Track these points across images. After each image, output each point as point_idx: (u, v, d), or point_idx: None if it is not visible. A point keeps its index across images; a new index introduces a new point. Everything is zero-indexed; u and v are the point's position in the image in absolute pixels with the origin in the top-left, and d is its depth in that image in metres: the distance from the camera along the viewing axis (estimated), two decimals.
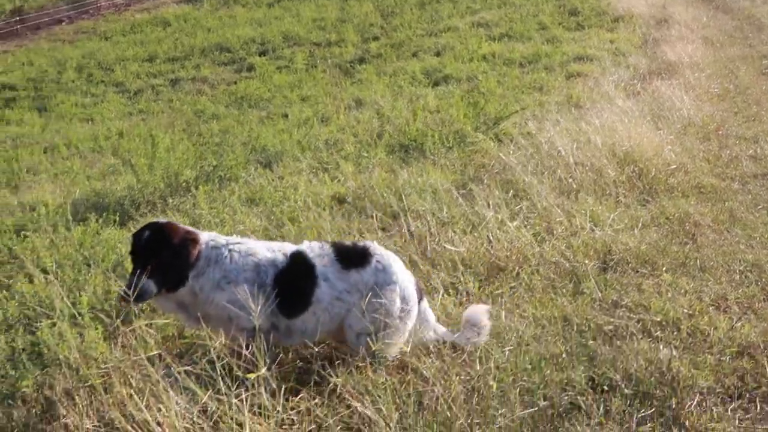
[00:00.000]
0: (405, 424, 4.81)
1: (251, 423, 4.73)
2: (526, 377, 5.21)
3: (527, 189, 8.69)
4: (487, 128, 11.72)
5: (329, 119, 14.53)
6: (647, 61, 17.13)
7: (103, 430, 5.00)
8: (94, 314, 6.44)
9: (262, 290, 5.50)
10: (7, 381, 5.78)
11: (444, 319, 6.21)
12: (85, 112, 19.21)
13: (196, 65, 22.85)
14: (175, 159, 10.73)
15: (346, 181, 9.77)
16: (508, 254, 7.22)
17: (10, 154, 14.97)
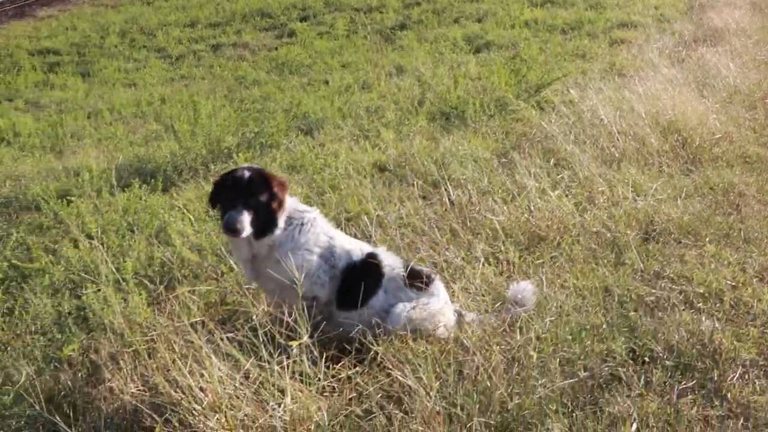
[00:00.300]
0: (445, 393, 4.82)
1: (292, 390, 4.78)
2: (567, 348, 5.20)
3: (569, 158, 8.63)
4: (529, 96, 11.64)
5: (370, 86, 14.48)
6: (693, 27, 16.86)
7: (147, 394, 5.08)
8: (138, 280, 6.54)
9: (331, 271, 5.62)
10: (54, 344, 5.90)
11: (485, 288, 6.21)
12: (128, 78, 19.28)
13: (237, 31, 22.81)
14: (216, 125, 10.78)
15: (386, 149, 9.76)
16: (549, 224, 7.19)
17: (54, 119, 15.08)
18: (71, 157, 11.94)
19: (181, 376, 4.83)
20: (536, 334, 5.26)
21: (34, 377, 5.44)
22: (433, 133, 10.46)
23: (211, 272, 6.85)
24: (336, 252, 5.66)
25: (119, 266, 6.57)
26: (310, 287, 5.54)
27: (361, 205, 7.86)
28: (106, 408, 5.13)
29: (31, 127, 14.40)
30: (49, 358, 5.67)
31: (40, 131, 14.13)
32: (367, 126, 11.19)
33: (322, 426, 4.65)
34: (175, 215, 8.00)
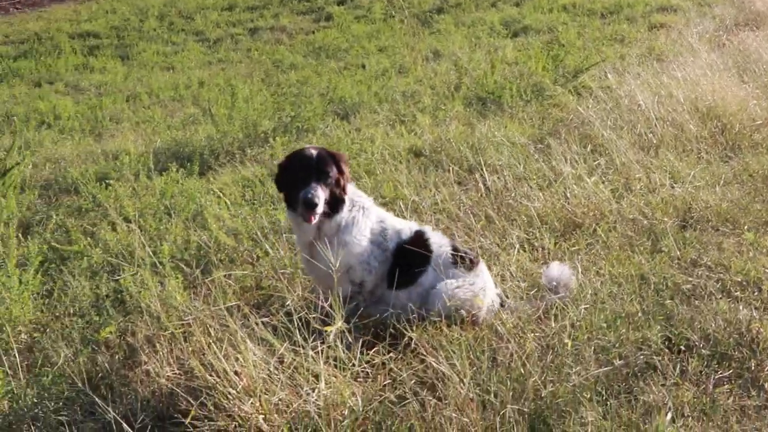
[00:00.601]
0: (478, 380, 4.81)
1: (327, 375, 4.79)
2: (602, 335, 5.17)
3: (606, 144, 8.57)
4: (566, 81, 11.56)
5: (407, 70, 14.47)
6: (734, 11, 16.65)
7: (183, 377, 5.11)
8: (174, 263, 6.59)
9: (383, 255, 5.69)
10: (92, 327, 5.95)
11: (519, 275, 6.19)
12: (166, 61, 19.38)
13: (275, 14, 22.84)
14: (253, 109, 10.83)
15: (422, 134, 9.75)
16: (585, 210, 7.15)
17: (93, 102, 15.21)
18: (110, 141, 12.05)
19: (216, 360, 4.85)
20: (571, 322, 5.25)
21: (72, 359, 5.49)
22: (470, 118, 10.43)
23: (246, 257, 6.89)
24: (388, 234, 5.74)
25: (156, 250, 6.62)
26: (361, 273, 5.64)
27: (396, 191, 7.87)
28: (142, 390, 5.17)
29: (70, 109, 14.53)
30: (87, 340, 5.72)
31: (80, 114, 14.25)
32: (403, 111, 11.18)
33: (355, 411, 4.66)
34: (212, 199, 8.05)
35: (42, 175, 10.17)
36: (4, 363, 5.38)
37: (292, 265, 6.52)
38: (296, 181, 5.43)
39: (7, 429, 4.98)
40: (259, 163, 9.62)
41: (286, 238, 7.06)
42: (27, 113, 14.54)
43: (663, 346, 5.18)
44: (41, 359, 5.56)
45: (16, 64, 19.73)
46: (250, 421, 4.63)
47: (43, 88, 17.49)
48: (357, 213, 5.67)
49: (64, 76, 18.43)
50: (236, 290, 6.26)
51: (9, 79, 18.61)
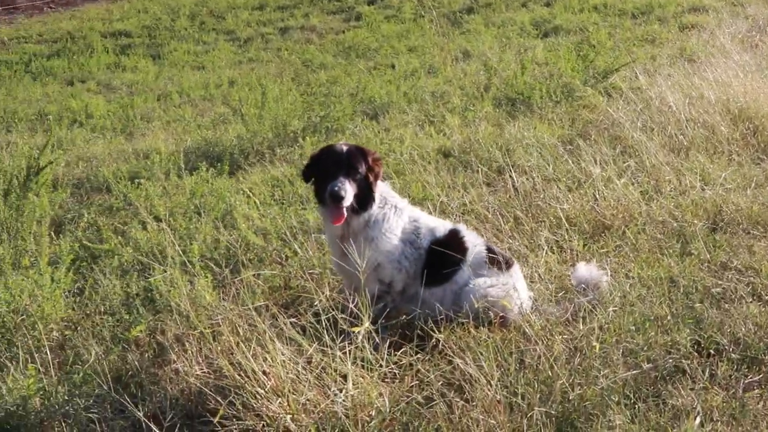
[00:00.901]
0: (506, 382, 4.82)
1: (354, 375, 4.81)
2: (630, 338, 5.15)
3: (636, 146, 8.52)
4: (596, 82, 11.50)
5: (436, 71, 14.45)
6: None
7: (212, 377, 5.14)
8: (204, 263, 6.62)
9: (416, 253, 5.72)
10: (122, 325, 6.01)
11: (548, 277, 6.17)
12: (197, 60, 19.46)
13: (305, 14, 22.86)
14: (283, 109, 10.85)
15: (452, 135, 9.75)
16: (615, 212, 7.12)
17: (125, 101, 15.29)
18: (141, 139, 12.12)
19: (245, 359, 4.88)
20: (599, 324, 5.23)
21: (103, 357, 5.54)
22: (499, 119, 10.41)
23: (275, 256, 6.92)
24: (421, 232, 5.76)
25: (186, 249, 6.66)
26: (390, 271, 5.66)
27: (425, 191, 7.87)
28: (171, 389, 5.22)
29: (102, 108, 14.63)
30: (118, 339, 5.77)
31: (112, 113, 14.35)
32: (432, 111, 11.18)
33: (383, 412, 4.67)
34: (241, 199, 8.09)
35: (74, 173, 10.26)
36: (36, 360, 5.44)
37: (320, 265, 6.55)
38: (326, 175, 5.50)
39: (38, 426, 5.04)
40: (289, 162, 9.65)
41: (314, 238, 7.08)
42: (60, 112, 14.65)
43: (692, 350, 5.16)
44: (72, 357, 5.62)
45: (49, 62, 19.89)
46: (278, 420, 4.66)
47: (76, 86, 17.62)
48: (388, 210, 5.70)
49: (96, 75, 18.57)
50: (265, 290, 6.30)
51: (42, 77, 18.76)
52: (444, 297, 5.67)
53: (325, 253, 6.62)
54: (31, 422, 5.02)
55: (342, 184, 5.39)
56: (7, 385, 5.20)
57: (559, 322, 5.43)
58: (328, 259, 6.40)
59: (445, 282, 5.71)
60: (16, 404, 5.08)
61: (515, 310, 5.60)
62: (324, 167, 5.56)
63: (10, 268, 6.61)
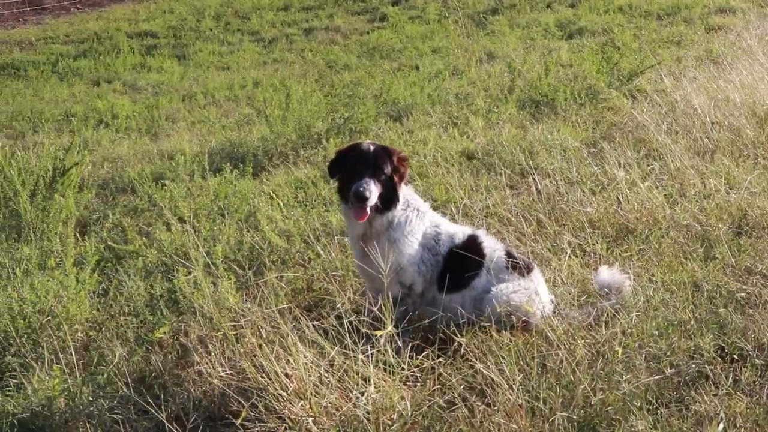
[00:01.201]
0: (528, 387, 4.81)
1: (376, 379, 4.82)
2: (653, 343, 5.13)
3: (660, 149, 8.48)
4: (621, 84, 11.47)
5: (460, 72, 14.43)
6: None
7: (235, 379, 5.17)
8: (227, 265, 6.64)
9: (434, 259, 5.73)
10: (146, 326, 6.04)
11: (570, 281, 6.16)
12: (222, 61, 19.53)
13: (329, 14, 22.91)
14: (307, 110, 10.87)
15: (475, 137, 9.74)
16: (638, 216, 7.10)
17: (150, 102, 15.36)
18: (165, 140, 12.18)
19: (267, 361, 4.91)
20: (622, 329, 5.22)
21: (127, 358, 5.58)
22: (522, 121, 10.40)
23: (298, 258, 6.95)
24: (441, 239, 5.77)
25: (209, 250, 6.70)
26: (411, 275, 5.67)
27: (448, 194, 7.87)
28: (194, 390, 5.25)
29: (128, 109, 14.70)
30: (141, 340, 5.80)
31: (137, 113, 14.42)
32: (456, 113, 11.17)
33: (404, 416, 4.68)
34: (265, 200, 8.12)
35: (99, 174, 10.33)
36: (61, 361, 5.49)
37: (343, 267, 6.57)
38: (351, 174, 5.53)
39: (63, 426, 5.08)
40: (312, 164, 9.69)
41: (337, 240, 7.10)
42: (86, 112, 14.75)
43: (716, 355, 5.12)
44: (97, 358, 5.66)
45: (76, 63, 20.02)
46: (300, 423, 4.68)
47: (102, 87, 17.73)
48: (411, 213, 5.72)
49: (122, 76, 18.67)
50: (288, 292, 6.32)
51: (69, 78, 18.89)
52: (464, 302, 5.67)
53: (348, 256, 6.64)
54: (56, 423, 5.07)
55: (367, 185, 5.41)
56: (33, 386, 5.25)
57: (581, 326, 5.42)
58: (350, 262, 6.42)
59: (463, 288, 5.72)
60: (42, 404, 5.13)
61: (537, 314, 5.58)
62: (350, 166, 5.58)
63: (36, 269, 6.66)
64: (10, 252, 7.16)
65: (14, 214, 7.67)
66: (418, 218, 5.73)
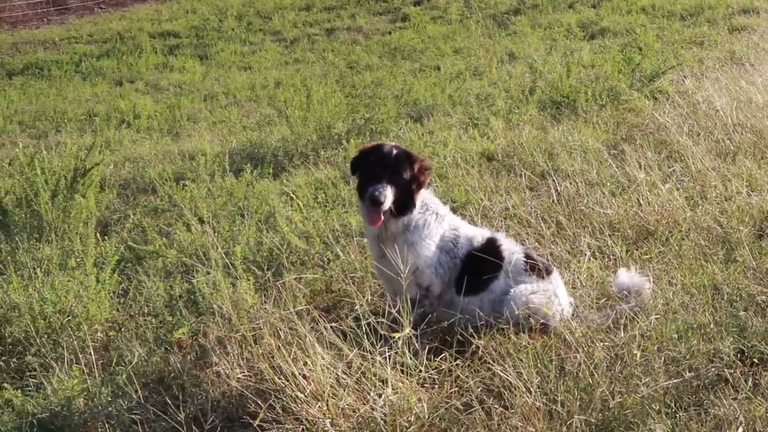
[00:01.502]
0: (546, 389, 4.80)
1: (394, 380, 4.82)
2: (672, 347, 5.10)
3: (681, 150, 8.43)
4: (643, 85, 11.40)
5: (481, 73, 14.42)
6: None
7: (252, 380, 5.18)
8: (246, 265, 6.66)
9: (452, 262, 5.72)
10: (165, 327, 6.06)
11: (589, 283, 6.14)
12: (244, 61, 19.61)
13: (351, 15, 22.96)
14: (327, 111, 10.88)
15: (495, 138, 9.72)
16: (659, 218, 7.06)
17: (172, 102, 15.45)
18: (187, 140, 12.24)
19: (285, 363, 4.92)
20: (641, 332, 5.20)
21: (146, 358, 5.61)
22: (543, 122, 10.37)
23: (317, 260, 6.96)
24: (459, 242, 5.77)
25: (229, 251, 6.72)
26: (429, 276, 5.66)
27: (467, 195, 7.86)
28: (213, 391, 5.26)
29: (150, 109, 14.80)
30: (161, 340, 5.83)
31: (159, 113, 14.51)
32: (476, 114, 11.16)
33: (421, 418, 4.68)
34: (284, 201, 8.14)
35: (121, 174, 10.39)
36: (80, 361, 5.52)
37: (362, 268, 6.57)
38: (370, 175, 5.53)
39: (82, 426, 5.11)
40: (332, 165, 9.70)
41: (356, 241, 7.10)
42: (108, 112, 14.86)
43: (735, 359, 5.07)
44: (116, 358, 5.69)
45: (99, 62, 20.18)
46: (317, 424, 4.69)
47: (124, 86, 17.86)
48: (429, 217, 5.71)
49: (144, 75, 18.80)
50: (306, 294, 6.33)
51: (92, 77, 19.04)
52: (482, 305, 5.65)
53: (366, 257, 6.64)
54: (75, 423, 5.10)
55: (383, 189, 5.41)
56: (52, 386, 5.28)
57: (600, 329, 5.39)
58: (369, 263, 6.42)
59: (481, 291, 5.71)
60: (61, 404, 5.16)
61: (556, 316, 5.57)
62: (369, 167, 5.58)
63: (57, 269, 6.70)
64: (32, 252, 7.20)
65: (36, 214, 7.71)
66: (436, 221, 5.73)
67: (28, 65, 20.48)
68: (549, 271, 5.79)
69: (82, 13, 27.17)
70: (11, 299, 6.17)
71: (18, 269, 6.78)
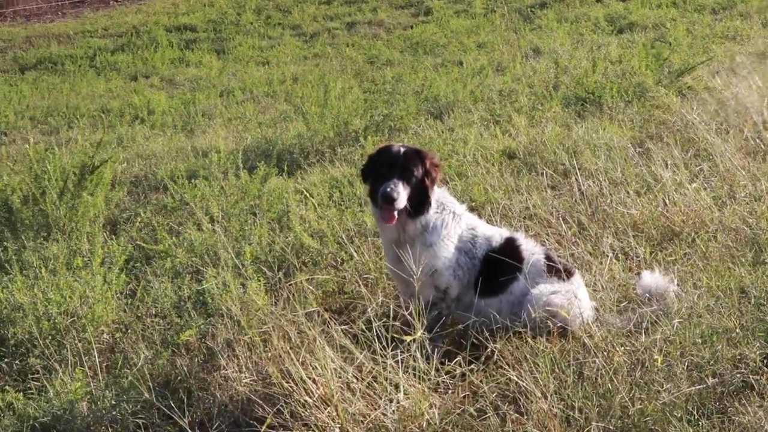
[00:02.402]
0: (563, 395, 4.78)
1: (405, 385, 4.80)
2: (696, 352, 5.05)
3: (709, 148, 8.37)
4: (671, 81, 11.33)
5: (504, 68, 14.36)
6: None
7: (260, 384, 5.17)
8: (257, 266, 6.65)
9: (470, 263, 5.71)
10: (173, 329, 6.06)
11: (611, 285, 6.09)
12: (262, 56, 19.63)
13: (373, 8, 22.92)
14: (345, 107, 10.87)
15: (517, 135, 9.68)
16: (685, 218, 7.01)
17: (187, 97, 15.49)
18: (201, 137, 12.27)
19: (294, 366, 4.90)
20: (663, 336, 5.15)
21: (152, 361, 5.61)
22: (567, 119, 10.33)
23: (330, 260, 6.95)
24: (477, 242, 5.75)
25: (239, 251, 6.71)
26: (447, 278, 5.65)
27: (487, 194, 7.82)
28: (220, 395, 5.25)
29: (164, 104, 14.84)
30: (168, 343, 5.84)
31: (173, 109, 14.55)
32: (498, 110, 11.11)
33: (433, 424, 4.66)
34: (299, 200, 8.13)
35: (132, 171, 10.43)
36: (84, 363, 5.53)
37: (376, 270, 6.56)
38: (380, 176, 5.53)
39: (85, 430, 5.11)
40: (349, 163, 9.68)
41: (371, 241, 7.08)
42: (122, 107, 14.93)
43: (762, 365, 5.03)
44: (121, 360, 5.69)
45: (113, 57, 20.24)
46: (326, 430, 4.67)
47: (139, 81, 17.93)
48: (447, 216, 5.69)
49: (160, 70, 18.85)
50: (318, 295, 6.32)
51: (107, 72, 19.11)
52: (500, 307, 5.63)
53: (381, 258, 6.63)
54: (78, 427, 5.10)
55: (395, 186, 5.39)
56: (55, 389, 5.29)
57: (621, 333, 5.35)
58: (384, 264, 6.40)
59: (500, 292, 5.69)
60: (63, 408, 5.17)
61: (576, 320, 5.53)
62: (379, 168, 5.59)
63: (63, 269, 6.70)
64: (38, 251, 7.21)
65: (43, 211, 7.73)
66: (454, 221, 5.71)
67: (42, 59, 20.59)
68: (570, 273, 5.76)
69: (97, 6, 27.26)
70: (15, 299, 6.19)
71: (23, 269, 6.80)
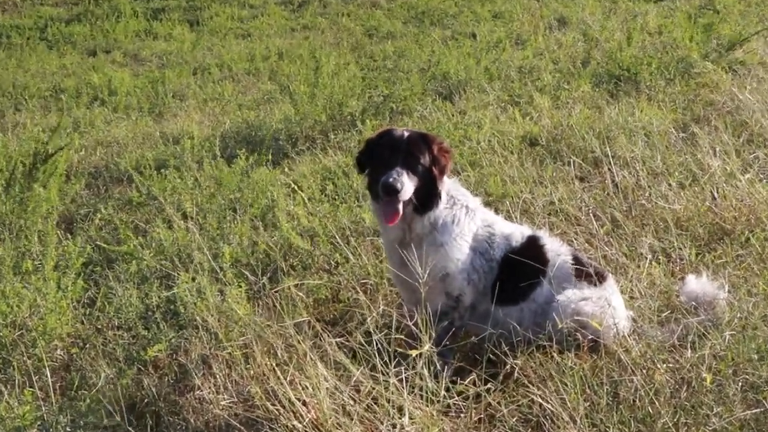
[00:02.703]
0: (595, 419, 4.75)
1: (411, 407, 4.77)
2: (751, 370, 5.03)
3: (765, 133, 8.37)
4: (720, 56, 11.34)
5: (525, 41, 14.39)
6: None
7: (241, 407, 5.14)
8: (237, 270, 6.63)
9: (487, 265, 5.66)
10: (139, 343, 6.01)
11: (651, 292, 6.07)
12: (242, 27, 19.68)
13: None
14: (339, 87, 10.86)
15: (540, 119, 9.68)
16: (737, 215, 7.00)
17: (155, 75, 15.52)
18: (171, 121, 12.29)
19: (280, 386, 4.87)
20: (713, 352, 5.13)
21: (114, 380, 5.57)
22: (598, 100, 10.34)
23: (323, 263, 6.93)
24: (495, 241, 5.69)
25: (217, 252, 6.69)
26: (460, 283, 5.59)
27: (505, 187, 7.81)
28: (194, 421, 5.22)
29: (128, 84, 14.86)
30: (132, 359, 5.80)
31: (139, 89, 14.57)
32: (518, 90, 11.13)
33: None
34: (286, 193, 8.11)
35: (91, 160, 10.43)
36: (35, 384, 5.49)
37: (376, 274, 6.53)
38: (380, 164, 5.43)
39: None
40: (344, 151, 9.68)
41: (370, 241, 7.07)
42: (78, 87, 14.95)
43: None
44: (78, 380, 5.65)
45: (68, 28, 20.27)
46: None
47: (99, 57, 17.97)
48: (459, 211, 5.63)
49: (123, 44, 18.89)
50: (308, 303, 6.30)
51: (60, 46, 19.14)
52: (522, 317, 5.58)
53: (382, 260, 6.61)
54: None
55: (398, 175, 5.29)
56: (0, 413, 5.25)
57: (662, 347, 5.33)
58: (385, 268, 6.38)
59: (521, 300, 5.64)
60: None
61: (610, 332, 5.50)
62: (379, 155, 5.48)
63: (10, 273, 6.66)
64: None
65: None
66: (467, 217, 5.65)
67: None
68: (602, 278, 5.71)
69: None
70: None
71: None
